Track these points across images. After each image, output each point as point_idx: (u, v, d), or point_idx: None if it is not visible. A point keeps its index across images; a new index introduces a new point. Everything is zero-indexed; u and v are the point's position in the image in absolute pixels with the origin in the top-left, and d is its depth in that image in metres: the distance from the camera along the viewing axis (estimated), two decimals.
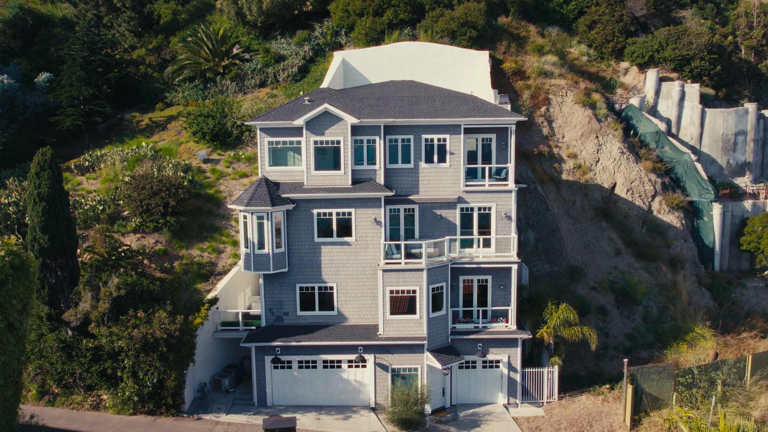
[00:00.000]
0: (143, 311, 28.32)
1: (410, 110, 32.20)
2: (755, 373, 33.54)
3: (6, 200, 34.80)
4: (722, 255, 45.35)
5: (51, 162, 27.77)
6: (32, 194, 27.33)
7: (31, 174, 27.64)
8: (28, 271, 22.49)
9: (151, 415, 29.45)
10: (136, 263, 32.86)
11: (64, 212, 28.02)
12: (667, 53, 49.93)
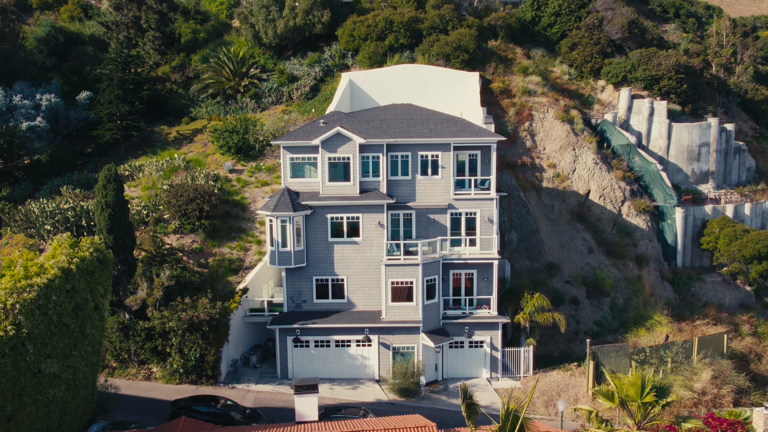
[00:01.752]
0: (189, 298, 34.66)
1: (408, 131, 38.54)
2: (700, 352, 39.91)
3: (65, 206, 41.12)
4: (684, 253, 51.66)
5: (115, 176, 34.14)
6: (100, 202, 33.69)
7: (99, 186, 33.98)
8: (108, 264, 28.88)
9: (193, 384, 35.82)
10: (177, 259, 39.24)
11: (125, 217, 34.38)
12: (639, 73, 56.19)
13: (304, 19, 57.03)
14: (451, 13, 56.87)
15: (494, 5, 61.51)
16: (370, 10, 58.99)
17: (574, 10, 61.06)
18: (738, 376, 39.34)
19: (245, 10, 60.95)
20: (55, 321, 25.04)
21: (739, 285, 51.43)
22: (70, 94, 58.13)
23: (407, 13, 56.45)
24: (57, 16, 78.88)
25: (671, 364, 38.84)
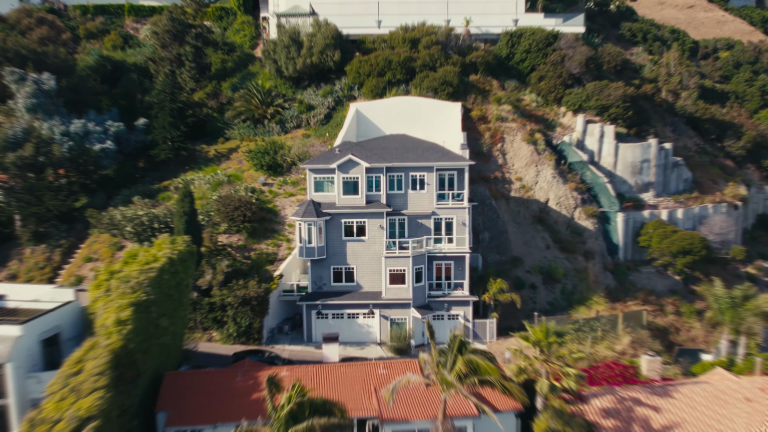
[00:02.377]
0: (242, 281, 47.64)
1: (402, 157, 51.49)
2: (624, 324, 52.86)
3: (140, 212, 54.09)
4: (625, 249, 64.70)
5: (189, 192, 47.09)
6: (179, 211, 46.68)
7: (178, 199, 46.94)
8: (193, 255, 41.85)
9: (243, 345, 48.75)
10: (228, 253, 52.20)
11: (196, 222, 47.31)
12: (592, 103, 69.13)
13: (318, 58, 70.09)
14: (439, 52, 69.84)
15: (475, 45, 74.47)
16: (372, 49, 72.03)
17: (541, 48, 74.02)
18: (653, 342, 52.23)
19: (269, 48, 73.97)
20: (165, 292, 37.96)
21: (669, 275, 64.30)
22: (122, 118, 70.94)
23: (403, 53, 69.42)
24: (101, 44, 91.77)
25: (600, 332, 51.78)
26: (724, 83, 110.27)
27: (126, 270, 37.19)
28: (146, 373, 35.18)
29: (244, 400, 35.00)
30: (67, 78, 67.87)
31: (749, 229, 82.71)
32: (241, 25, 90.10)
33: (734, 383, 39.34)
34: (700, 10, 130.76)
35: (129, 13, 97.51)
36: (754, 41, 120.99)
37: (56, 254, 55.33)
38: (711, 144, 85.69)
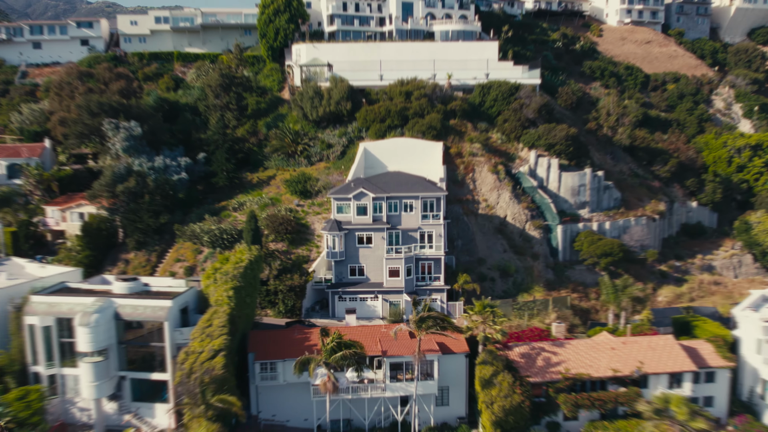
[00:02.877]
0: (288, 275, 70.65)
1: (397, 188, 74.44)
2: (553, 305, 75.83)
3: (213, 227, 77.12)
4: (563, 252, 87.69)
5: (253, 215, 70.04)
6: (247, 228, 69.65)
7: (247, 219, 69.86)
8: (261, 258, 64.96)
9: (288, 318, 71.78)
10: (277, 255, 75.17)
11: (259, 235, 70.27)
12: (542, 141, 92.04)
13: (335, 107, 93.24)
14: (426, 103, 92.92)
15: (455, 94, 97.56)
16: (376, 100, 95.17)
17: (506, 97, 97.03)
18: (573, 318, 75.16)
19: (297, 98, 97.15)
20: (248, 282, 61.00)
21: (597, 271, 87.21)
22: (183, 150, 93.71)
23: (399, 103, 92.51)
24: (156, 86, 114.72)
25: (536, 310, 74.74)
26: (670, 112, 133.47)
27: (224, 267, 60.40)
28: (240, 329, 58.20)
29: (298, 346, 57.91)
30: (147, 123, 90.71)
31: (673, 236, 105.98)
32: (270, 71, 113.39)
33: (607, 340, 62.51)
34: (656, 45, 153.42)
35: (177, 59, 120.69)
36: (697, 74, 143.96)
37: (153, 257, 78.44)
38: (644, 168, 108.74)
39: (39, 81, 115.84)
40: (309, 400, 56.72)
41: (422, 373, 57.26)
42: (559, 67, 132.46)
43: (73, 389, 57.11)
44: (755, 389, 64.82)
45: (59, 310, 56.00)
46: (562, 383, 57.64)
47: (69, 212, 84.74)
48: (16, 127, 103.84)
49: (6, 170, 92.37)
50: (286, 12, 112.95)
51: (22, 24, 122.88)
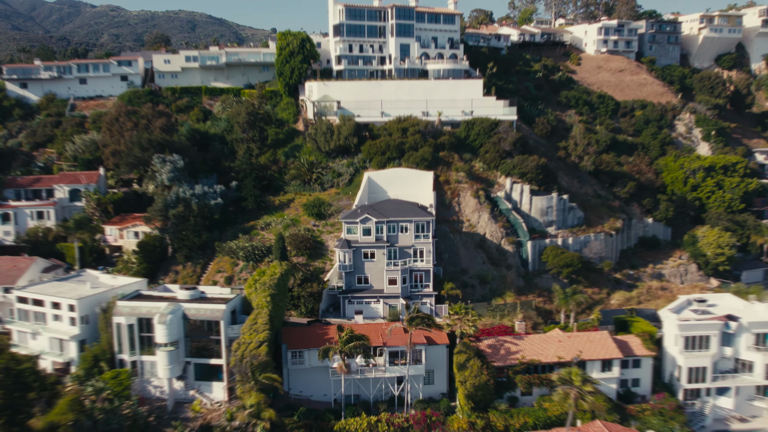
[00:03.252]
0: (308, 283, 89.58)
1: (395, 214, 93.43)
2: (520, 308, 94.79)
3: (246, 244, 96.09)
4: (533, 263, 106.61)
5: (282, 236, 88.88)
6: (276, 246, 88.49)
7: (276, 239, 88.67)
8: (289, 273, 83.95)
9: (307, 317, 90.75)
10: (298, 268, 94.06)
11: (285, 252, 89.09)
12: (517, 170, 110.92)
13: (344, 141, 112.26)
14: (419, 138, 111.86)
15: (444, 129, 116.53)
16: (378, 135, 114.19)
17: (487, 131, 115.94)
18: (537, 318, 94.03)
19: (312, 132, 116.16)
20: (280, 290, 79.94)
21: (561, 279, 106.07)
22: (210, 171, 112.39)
23: (397, 139, 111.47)
24: (188, 117, 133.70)
25: (506, 311, 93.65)
26: (636, 136, 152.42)
27: (262, 279, 79.48)
28: (275, 326, 77.11)
29: (319, 339, 76.75)
30: (186, 155, 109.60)
31: (631, 248, 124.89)
32: (286, 104, 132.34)
33: (556, 334, 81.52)
34: (628, 73, 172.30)
35: (205, 93, 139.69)
36: (663, 101, 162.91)
37: (197, 268, 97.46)
38: (606, 189, 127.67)
39: (86, 113, 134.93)
40: (328, 379, 75.73)
41: (413, 360, 76.26)
42: (539, 97, 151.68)
43: (149, 372, 76.12)
44: (674, 373, 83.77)
45: (140, 312, 75.05)
46: (519, 367, 76.60)
47: (126, 231, 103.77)
48: (70, 155, 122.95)
49: (68, 194, 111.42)
50: (300, 54, 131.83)
51: (71, 63, 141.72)
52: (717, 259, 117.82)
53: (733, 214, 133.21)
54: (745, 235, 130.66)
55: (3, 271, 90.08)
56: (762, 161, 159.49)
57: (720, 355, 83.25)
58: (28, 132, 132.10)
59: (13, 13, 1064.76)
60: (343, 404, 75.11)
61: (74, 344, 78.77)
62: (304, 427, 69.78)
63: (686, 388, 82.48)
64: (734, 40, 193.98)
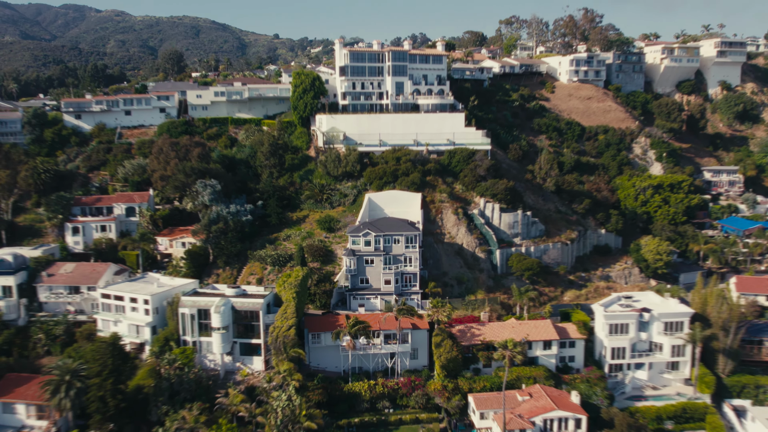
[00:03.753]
0: (323, 283, 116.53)
1: (390, 229, 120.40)
2: (488, 302, 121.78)
3: (272, 252, 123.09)
4: (501, 267, 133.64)
5: (301, 246, 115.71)
6: (297, 254, 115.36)
7: (297, 248, 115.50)
8: (308, 275, 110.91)
9: (322, 310, 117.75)
10: (314, 271, 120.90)
11: (304, 259, 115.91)
12: (489, 192, 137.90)
13: (350, 168, 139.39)
14: (410, 166, 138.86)
15: (431, 157, 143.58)
16: (377, 162, 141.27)
17: (466, 159, 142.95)
18: (501, 310, 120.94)
19: (323, 159, 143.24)
20: (302, 288, 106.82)
21: (523, 280, 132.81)
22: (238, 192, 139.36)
23: (392, 166, 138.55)
24: (216, 144, 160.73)
25: (477, 305, 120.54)
26: (598, 158, 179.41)
27: (289, 280, 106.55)
28: (299, 315, 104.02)
29: (332, 324, 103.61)
30: (222, 180, 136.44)
31: (587, 254, 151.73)
32: (300, 134, 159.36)
33: (511, 322, 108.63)
34: (595, 101, 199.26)
35: (231, 123, 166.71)
36: (623, 126, 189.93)
37: (234, 272, 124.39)
38: (566, 206, 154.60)
39: (132, 141, 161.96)
40: (339, 354, 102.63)
41: (402, 340, 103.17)
42: (515, 124, 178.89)
43: (206, 349, 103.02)
44: (602, 352, 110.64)
45: (200, 304, 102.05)
46: (480, 346, 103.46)
47: (174, 241, 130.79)
48: (121, 177, 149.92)
49: (125, 211, 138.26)
50: (311, 91, 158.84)
51: (119, 98, 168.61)
52: (656, 264, 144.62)
53: (676, 226, 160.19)
54: (685, 243, 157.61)
55: (86, 274, 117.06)
56: (708, 178, 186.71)
57: (637, 338, 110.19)
58: (84, 157, 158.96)
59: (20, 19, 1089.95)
60: (350, 373, 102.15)
61: (148, 329, 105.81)
62: (321, 388, 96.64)
63: (611, 363, 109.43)
64: (693, 68, 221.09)
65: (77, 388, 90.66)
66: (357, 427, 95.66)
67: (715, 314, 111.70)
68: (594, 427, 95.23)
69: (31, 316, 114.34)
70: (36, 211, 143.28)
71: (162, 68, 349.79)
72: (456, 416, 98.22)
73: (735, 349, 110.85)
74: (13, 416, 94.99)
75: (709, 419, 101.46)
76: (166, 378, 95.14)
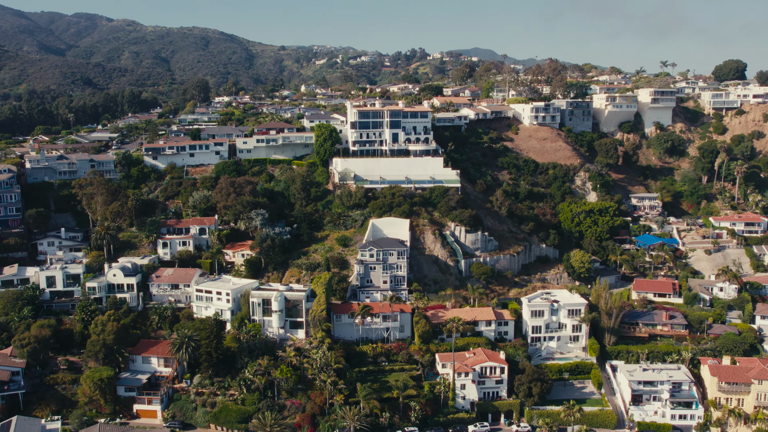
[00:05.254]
0: (341, 283, 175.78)
1: (387, 245, 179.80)
2: (454, 296, 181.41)
3: (306, 261, 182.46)
4: (465, 272, 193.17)
5: (328, 259, 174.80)
6: (324, 264, 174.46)
7: (323, 259, 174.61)
8: (332, 278, 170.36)
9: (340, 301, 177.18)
10: (334, 275, 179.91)
11: (330, 266, 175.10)
12: (458, 218, 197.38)
13: (358, 200, 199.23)
14: (402, 199, 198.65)
15: (417, 192, 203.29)
16: (378, 197, 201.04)
17: (442, 194, 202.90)
18: (463, 302, 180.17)
19: (339, 194, 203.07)
20: (329, 286, 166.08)
21: (481, 281, 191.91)
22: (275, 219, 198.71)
23: (389, 199, 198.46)
24: (258, 179, 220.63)
25: (446, 298, 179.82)
26: (547, 188, 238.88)
27: (320, 280, 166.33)
28: (327, 303, 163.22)
29: (348, 309, 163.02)
30: (268, 209, 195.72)
31: (531, 263, 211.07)
32: (321, 172, 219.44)
33: (466, 309, 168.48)
34: (549, 141, 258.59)
35: (268, 162, 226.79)
36: (568, 163, 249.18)
37: (279, 275, 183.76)
38: (516, 226, 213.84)
39: (196, 176, 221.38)
40: (353, 328, 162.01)
41: (393, 320, 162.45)
42: (484, 162, 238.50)
43: (268, 325, 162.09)
44: (526, 329, 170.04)
45: (264, 296, 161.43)
46: (444, 323, 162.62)
47: (236, 253, 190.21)
48: (191, 205, 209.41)
49: (198, 231, 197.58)
50: (329, 140, 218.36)
51: (185, 143, 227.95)
52: (580, 270, 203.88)
53: (601, 242, 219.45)
54: (606, 255, 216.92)
55: (182, 275, 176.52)
56: (634, 203, 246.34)
57: (550, 320, 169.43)
58: (161, 189, 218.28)
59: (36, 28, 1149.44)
60: (360, 340, 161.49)
61: (228, 312, 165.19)
62: (342, 349, 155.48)
63: (532, 336, 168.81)
64: (632, 111, 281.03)
65: (192, 347, 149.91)
66: (364, 373, 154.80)
67: (602, 304, 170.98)
68: (513, 374, 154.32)
69: (146, 304, 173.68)
70: (131, 230, 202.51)
71: (190, 95, 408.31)
72: (427, 367, 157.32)
73: (616, 328, 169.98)
74: (149, 365, 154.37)
75: (593, 373, 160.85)
76: (245, 342, 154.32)
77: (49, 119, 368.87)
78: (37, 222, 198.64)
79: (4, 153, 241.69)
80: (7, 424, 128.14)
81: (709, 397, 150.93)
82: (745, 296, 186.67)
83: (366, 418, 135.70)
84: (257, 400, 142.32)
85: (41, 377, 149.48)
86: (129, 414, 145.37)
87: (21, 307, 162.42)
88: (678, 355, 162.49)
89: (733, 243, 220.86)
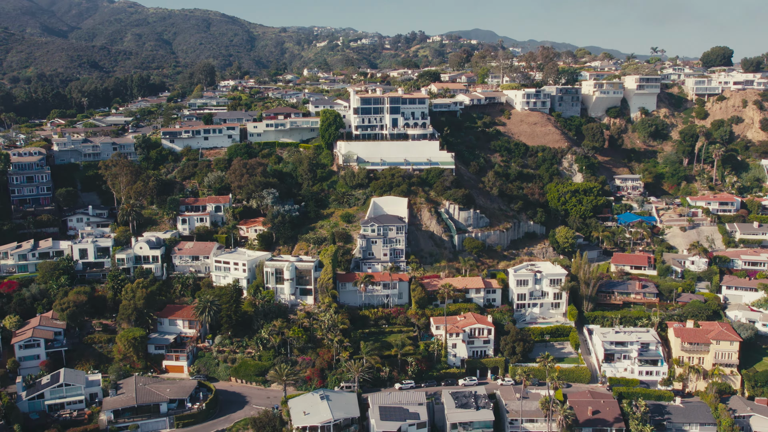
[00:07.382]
0: (345, 255, 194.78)
1: (387, 221, 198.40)
2: (448, 268, 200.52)
3: (314, 236, 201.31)
4: (458, 246, 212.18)
5: (333, 233, 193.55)
6: (330, 238, 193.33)
7: (329, 234, 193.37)
8: (337, 250, 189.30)
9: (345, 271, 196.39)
10: (339, 247, 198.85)
11: (335, 240, 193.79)
12: (452, 197, 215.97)
13: (360, 180, 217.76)
14: (400, 179, 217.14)
15: (415, 173, 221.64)
16: (378, 177, 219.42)
17: (437, 175, 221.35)
18: (456, 272, 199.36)
19: (343, 174, 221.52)
20: (334, 257, 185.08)
21: (473, 255, 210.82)
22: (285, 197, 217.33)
23: (389, 179, 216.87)
24: (268, 161, 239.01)
25: (440, 269, 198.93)
26: (537, 169, 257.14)
27: (327, 252, 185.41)
28: (333, 273, 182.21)
29: (352, 278, 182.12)
30: (278, 188, 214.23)
31: (520, 238, 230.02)
32: (326, 154, 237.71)
33: (459, 278, 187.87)
34: (540, 125, 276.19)
35: (277, 145, 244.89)
36: (557, 146, 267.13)
37: (289, 248, 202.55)
38: (506, 205, 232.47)
39: (210, 158, 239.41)
40: (356, 295, 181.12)
41: (393, 288, 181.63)
42: (477, 145, 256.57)
43: (280, 292, 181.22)
44: (512, 296, 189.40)
45: (276, 266, 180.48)
46: (438, 290, 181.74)
47: (249, 228, 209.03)
48: (206, 185, 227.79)
49: (214, 209, 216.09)
50: (334, 124, 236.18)
51: (200, 128, 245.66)
52: (564, 245, 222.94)
53: (584, 219, 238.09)
54: (589, 231, 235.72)
55: (202, 248, 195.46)
56: (618, 184, 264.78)
57: (534, 288, 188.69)
58: (178, 170, 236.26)
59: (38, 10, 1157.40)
60: (363, 305, 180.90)
61: (245, 281, 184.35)
62: (347, 313, 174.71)
63: (517, 303, 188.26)
64: (618, 97, 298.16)
65: (213, 310, 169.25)
66: (367, 334, 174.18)
67: (582, 275, 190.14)
68: (499, 335, 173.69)
69: (169, 274, 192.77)
70: (151, 207, 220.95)
71: (197, 79, 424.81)
72: (423, 329, 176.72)
73: (594, 296, 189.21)
74: (175, 327, 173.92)
75: (571, 335, 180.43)
76: (260, 307, 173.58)
77: (63, 103, 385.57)
78: (67, 200, 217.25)
79: (29, 136, 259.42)
80: (57, 375, 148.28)
81: (674, 356, 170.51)
82: (714, 269, 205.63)
83: (368, 371, 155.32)
84: (272, 356, 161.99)
85: (80, 337, 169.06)
86: (159, 369, 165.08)
87: (58, 276, 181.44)
88: (648, 320, 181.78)
89: (707, 221, 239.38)
